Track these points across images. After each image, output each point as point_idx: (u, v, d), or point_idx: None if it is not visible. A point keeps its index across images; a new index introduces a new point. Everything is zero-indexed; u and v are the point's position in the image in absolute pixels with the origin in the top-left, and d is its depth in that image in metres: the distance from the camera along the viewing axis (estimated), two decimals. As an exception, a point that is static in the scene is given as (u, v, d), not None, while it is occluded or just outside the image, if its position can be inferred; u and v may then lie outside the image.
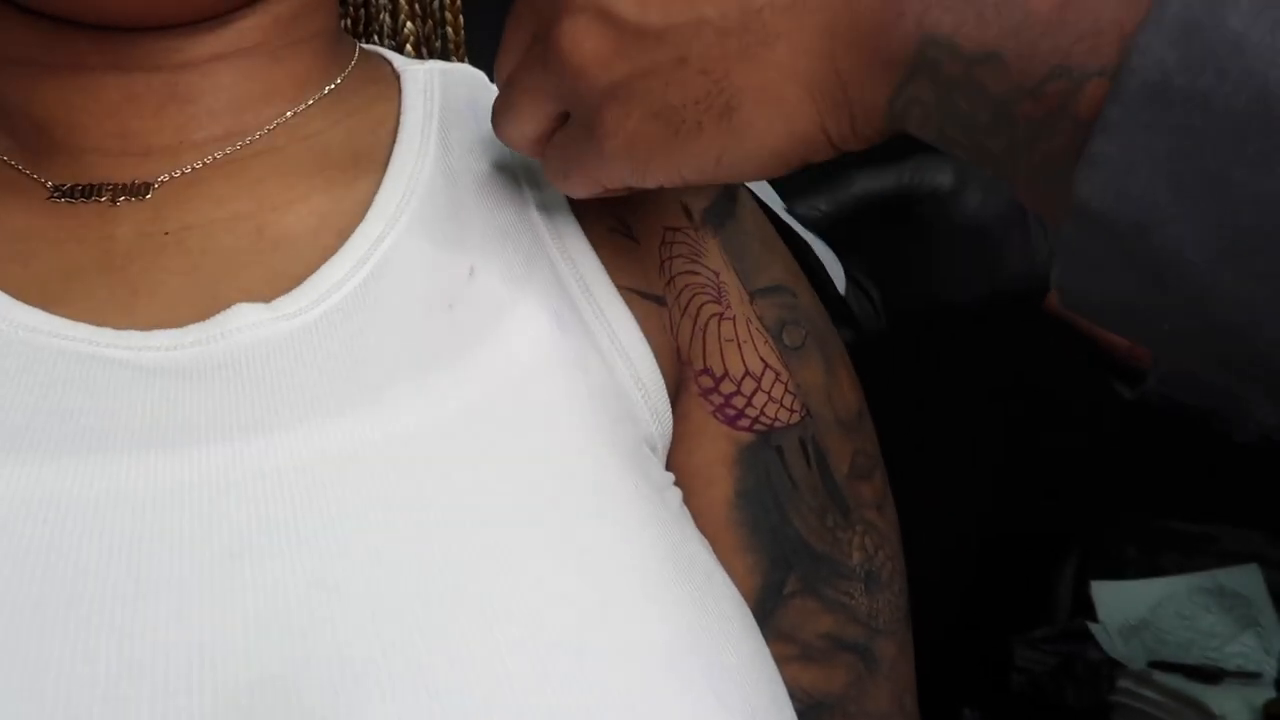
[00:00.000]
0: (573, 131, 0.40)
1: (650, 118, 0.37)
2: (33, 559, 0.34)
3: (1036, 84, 0.30)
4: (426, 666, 0.32)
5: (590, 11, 0.37)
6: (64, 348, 0.38)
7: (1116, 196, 0.27)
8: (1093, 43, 0.28)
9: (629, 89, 0.37)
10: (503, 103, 0.42)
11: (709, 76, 0.35)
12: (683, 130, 0.37)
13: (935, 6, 0.31)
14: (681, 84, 0.36)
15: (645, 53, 0.36)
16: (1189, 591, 1.60)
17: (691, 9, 0.35)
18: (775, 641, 0.42)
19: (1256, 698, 1.40)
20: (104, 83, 0.44)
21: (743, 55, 0.35)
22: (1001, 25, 0.30)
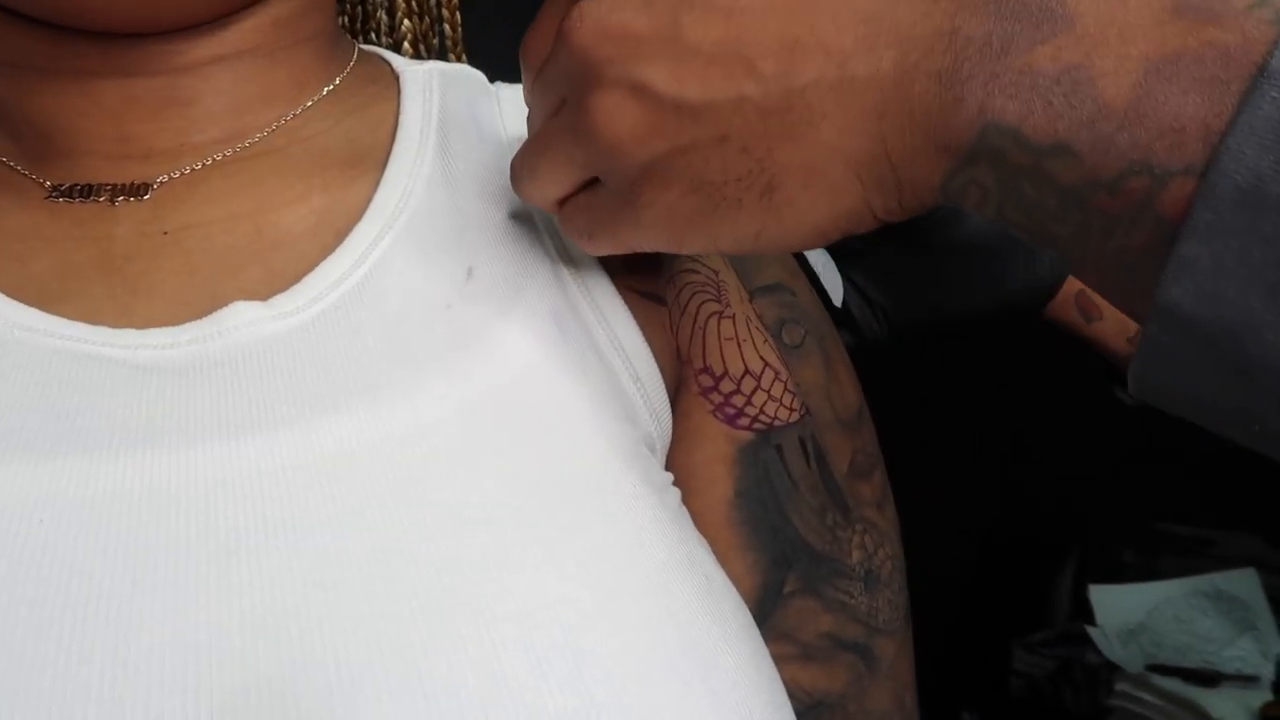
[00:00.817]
0: (604, 198, 0.39)
1: (689, 192, 0.36)
2: (28, 559, 0.33)
3: (1113, 179, 0.28)
4: (423, 668, 0.32)
5: (625, 86, 0.35)
6: (60, 347, 0.38)
7: (1208, 301, 0.27)
8: (1175, 139, 0.27)
9: (667, 164, 0.36)
10: (526, 165, 0.41)
11: (750, 155, 0.34)
12: (723, 205, 0.36)
13: (999, 94, 0.30)
14: (722, 161, 0.35)
15: (684, 130, 0.35)
16: (1187, 595, 1.60)
17: (732, 86, 0.34)
18: (775, 641, 0.42)
19: (1254, 701, 1.40)
20: (103, 87, 0.44)
21: (786, 134, 0.34)
22: (1073, 117, 0.29)
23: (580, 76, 0.36)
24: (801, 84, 0.33)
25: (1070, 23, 0.29)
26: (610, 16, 0.35)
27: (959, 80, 0.30)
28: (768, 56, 0.33)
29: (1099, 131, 0.28)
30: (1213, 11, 0.28)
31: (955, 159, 0.32)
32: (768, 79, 0.33)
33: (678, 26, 0.34)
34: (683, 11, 0.34)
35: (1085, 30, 0.29)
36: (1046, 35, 0.29)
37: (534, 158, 0.40)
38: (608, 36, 0.35)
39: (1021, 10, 0.30)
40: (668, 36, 0.34)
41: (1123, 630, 1.57)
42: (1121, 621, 1.58)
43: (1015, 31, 0.30)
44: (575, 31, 0.36)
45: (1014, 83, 0.30)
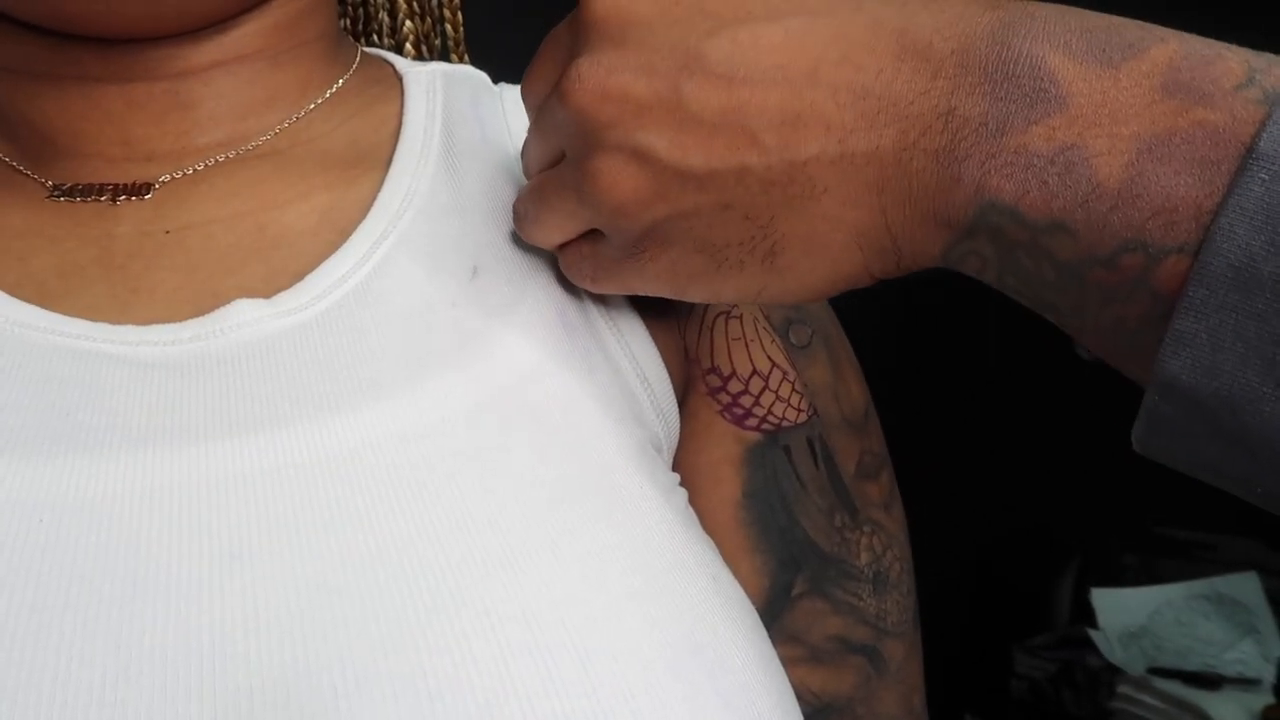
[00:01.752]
0: (607, 249, 0.39)
1: (692, 253, 0.37)
2: (29, 560, 0.33)
3: (1109, 256, 0.29)
4: (429, 669, 0.32)
5: (627, 151, 0.36)
6: (60, 344, 0.38)
7: (1206, 375, 0.28)
8: (1168, 219, 0.28)
9: (670, 227, 0.36)
10: (529, 210, 0.41)
11: (753, 222, 0.35)
12: (725, 266, 0.36)
13: (995, 173, 0.30)
14: (724, 226, 0.35)
15: (686, 196, 0.35)
16: (1188, 599, 1.60)
17: (735, 156, 0.34)
18: (783, 643, 0.42)
19: (1254, 703, 1.40)
20: (105, 92, 0.44)
21: (787, 204, 0.34)
22: (1067, 197, 0.29)
23: (580, 137, 0.37)
24: (803, 158, 0.33)
25: (1063, 103, 0.30)
26: (610, 79, 0.35)
27: (956, 159, 0.31)
28: (769, 129, 0.34)
29: (1093, 210, 0.29)
30: (1202, 92, 0.28)
31: (954, 233, 0.32)
32: (770, 151, 0.34)
33: (679, 93, 0.34)
34: (684, 79, 0.34)
35: (1078, 110, 0.30)
36: (1040, 115, 0.30)
37: (536, 205, 0.41)
38: (608, 99, 0.35)
39: (1016, 90, 0.30)
40: (670, 103, 0.35)
41: (1124, 633, 1.57)
42: (1123, 624, 1.58)
43: (1010, 112, 0.30)
44: (574, 92, 0.36)
45: (1010, 162, 0.30)
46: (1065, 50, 0.30)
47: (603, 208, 0.37)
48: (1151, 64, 0.29)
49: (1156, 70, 0.29)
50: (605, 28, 0.36)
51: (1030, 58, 0.30)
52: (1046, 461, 1.71)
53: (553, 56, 0.39)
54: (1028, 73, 0.30)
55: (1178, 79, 0.29)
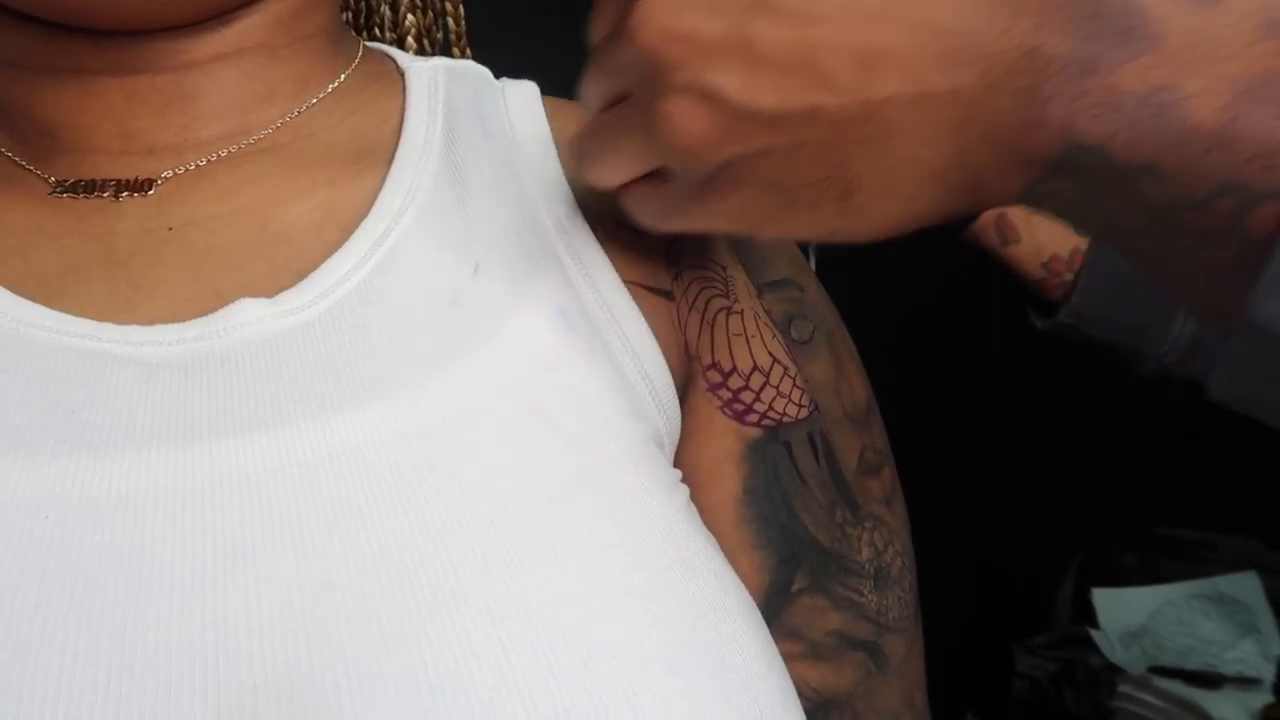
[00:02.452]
0: (675, 188, 0.38)
1: (764, 192, 0.36)
2: (33, 558, 0.33)
3: (1202, 199, 0.28)
4: (431, 666, 0.32)
5: (695, 92, 0.35)
6: (64, 343, 0.38)
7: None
8: (1265, 163, 0.27)
9: (741, 166, 0.35)
10: (590, 150, 0.40)
11: (827, 161, 0.34)
12: (798, 205, 0.36)
13: (1083, 114, 0.30)
14: (797, 166, 0.35)
15: (757, 136, 0.34)
16: (1188, 598, 1.60)
17: (807, 96, 0.33)
18: (783, 639, 0.42)
19: (1255, 703, 1.40)
20: (106, 85, 0.44)
21: (863, 144, 0.33)
22: (1160, 139, 0.29)
23: (647, 77, 0.36)
24: (879, 97, 0.33)
25: (1156, 42, 0.29)
26: (676, 18, 0.35)
27: (1041, 99, 0.30)
28: (844, 68, 0.33)
29: (1187, 153, 0.28)
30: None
31: (1037, 172, 0.31)
32: (844, 90, 0.33)
33: (749, 33, 0.34)
34: (753, 17, 0.34)
35: (1172, 50, 0.29)
36: (1132, 55, 0.29)
37: (599, 146, 0.40)
38: (674, 39, 0.35)
39: (1105, 28, 0.29)
40: (739, 43, 0.34)
41: (1125, 633, 1.57)
42: (1123, 624, 1.58)
43: (1099, 50, 0.29)
44: (640, 32, 0.35)
45: (1099, 103, 0.29)
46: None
47: (671, 149, 0.36)
48: (1250, 1, 0.28)
49: (1256, 8, 0.28)
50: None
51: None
52: (1047, 461, 1.71)
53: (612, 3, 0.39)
54: (1118, 9, 0.29)
55: (1278, 17, 0.28)
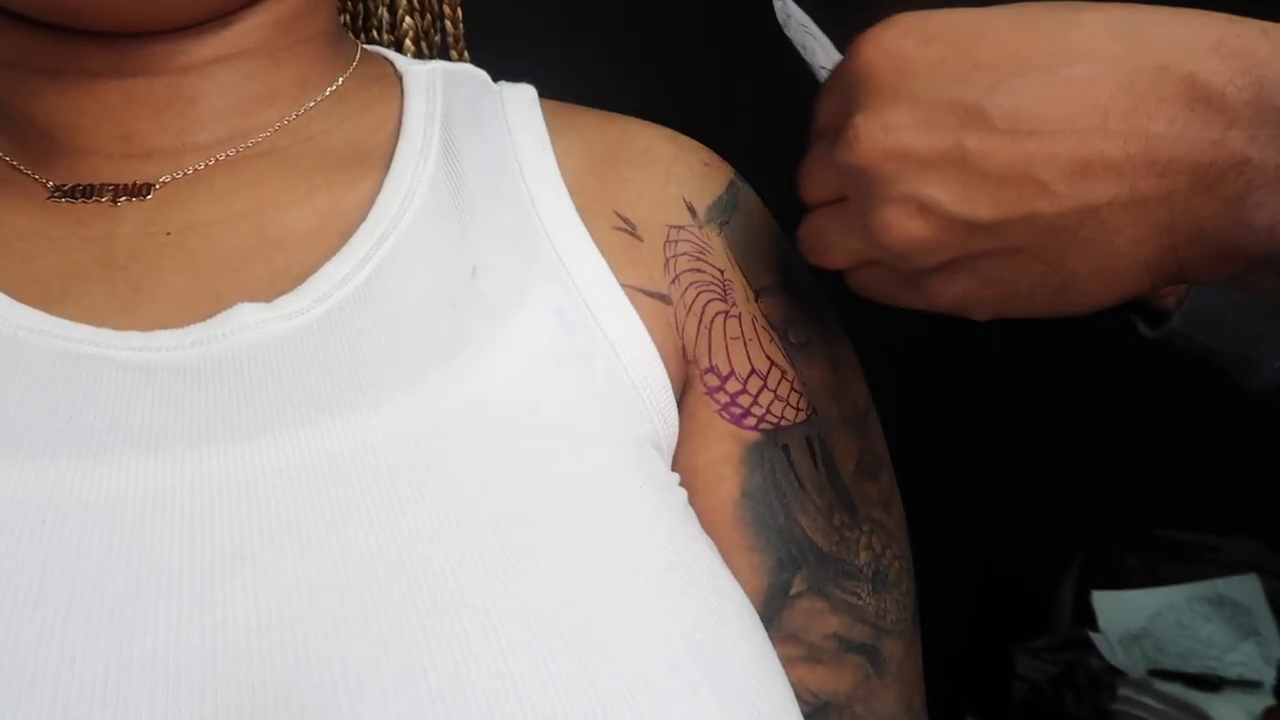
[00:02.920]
0: (893, 278, 0.40)
1: (980, 287, 0.38)
2: (32, 561, 0.33)
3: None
4: (429, 668, 0.32)
5: (912, 204, 0.37)
6: (64, 348, 0.38)
7: None
8: None
9: (956, 266, 0.37)
10: (813, 243, 0.42)
11: (1043, 261, 0.36)
12: (1015, 297, 0.38)
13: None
14: (1014, 267, 0.36)
15: (974, 242, 0.36)
16: (1189, 601, 1.60)
17: (1024, 205, 0.35)
18: (782, 642, 0.42)
19: (1256, 705, 1.40)
20: (106, 87, 0.44)
21: (1078, 245, 0.35)
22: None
23: (864, 187, 0.38)
24: (1096, 203, 0.34)
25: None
26: (890, 138, 0.36)
27: (1249, 207, 0.32)
28: (1060, 179, 0.34)
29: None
30: None
31: (1242, 267, 0.33)
32: (1061, 199, 0.34)
33: (963, 149, 0.35)
34: (967, 134, 0.35)
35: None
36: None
37: (821, 238, 0.41)
38: (890, 156, 0.36)
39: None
40: (954, 158, 0.35)
41: (1125, 635, 1.57)
42: (1124, 626, 1.58)
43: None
44: (857, 146, 0.37)
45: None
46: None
47: (889, 253, 0.38)
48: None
49: None
50: (880, 82, 0.37)
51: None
52: (1048, 463, 1.71)
53: (835, 96, 0.40)
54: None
55: None
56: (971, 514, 1.71)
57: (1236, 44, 0.33)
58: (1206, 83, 0.33)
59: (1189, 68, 0.33)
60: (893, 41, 0.37)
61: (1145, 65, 0.34)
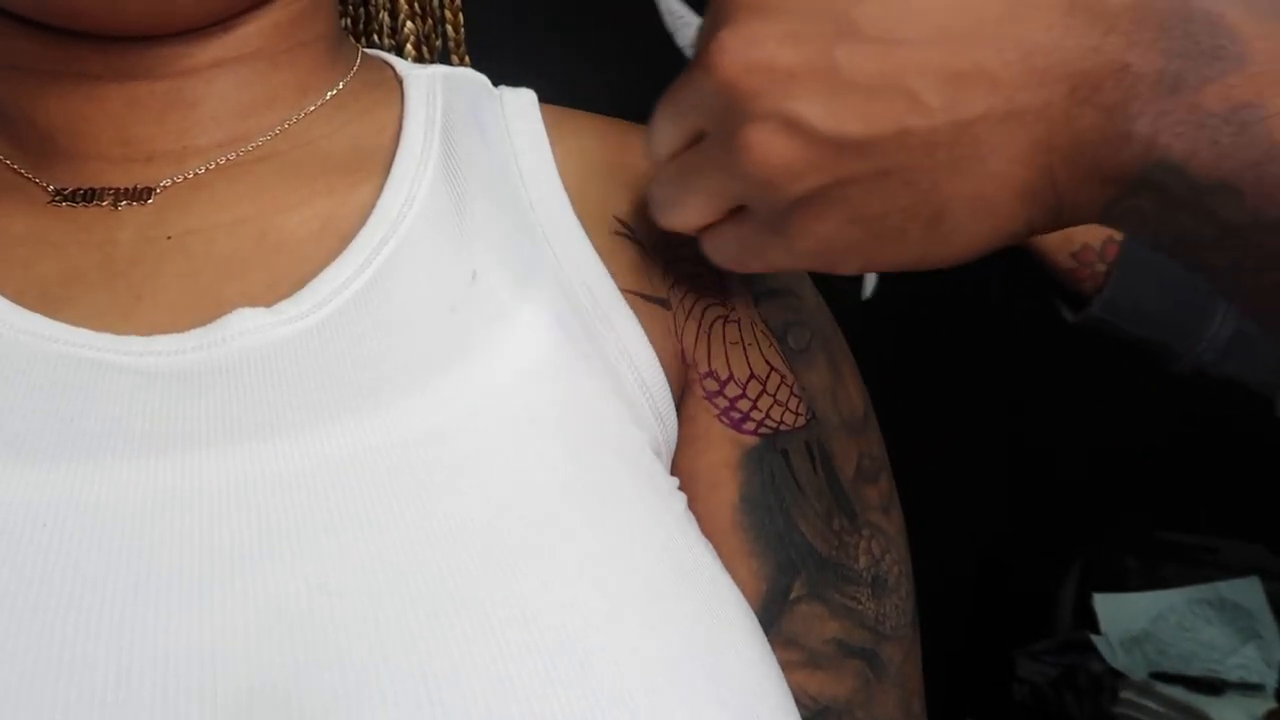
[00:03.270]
0: (754, 227, 0.38)
1: (847, 224, 0.35)
2: (32, 564, 0.33)
3: (1277, 219, 0.29)
4: (428, 672, 0.32)
5: (778, 121, 0.34)
6: (64, 353, 0.38)
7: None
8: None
9: (824, 197, 0.35)
10: (667, 194, 0.40)
11: (915, 188, 0.34)
12: (885, 235, 0.35)
13: (1165, 131, 0.30)
14: (884, 194, 0.34)
15: (843, 164, 0.34)
16: (1190, 603, 1.60)
17: (895, 120, 0.33)
18: (781, 647, 0.42)
19: (1257, 709, 1.40)
20: (106, 90, 0.44)
21: (952, 167, 0.33)
22: (1240, 158, 0.29)
23: (727, 109, 0.35)
24: (969, 117, 0.32)
25: (1241, 61, 0.29)
26: (755, 49, 0.34)
27: (1128, 116, 0.30)
28: (932, 90, 0.33)
29: (1266, 172, 0.28)
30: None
31: (1119, 189, 0.32)
32: (934, 112, 0.33)
33: (832, 59, 0.33)
34: (835, 44, 0.33)
35: (1257, 68, 0.29)
36: (1217, 73, 0.29)
37: (676, 188, 0.39)
38: (754, 69, 0.34)
39: (1192, 47, 0.30)
40: (822, 70, 0.33)
41: (1126, 638, 1.57)
42: (1125, 629, 1.58)
43: (1185, 69, 0.30)
44: (718, 64, 0.35)
45: (1183, 120, 0.30)
46: (1245, 5, 0.29)
47: (753, 180, 0.35)
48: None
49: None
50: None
51: (1208, 13, 0.29)
52: (1048, 465, 1.71)
53: (697, 40, 0.38)
54: (1205, 29, 0.29)
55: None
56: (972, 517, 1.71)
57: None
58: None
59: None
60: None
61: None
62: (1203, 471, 1.57)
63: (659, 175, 0.40)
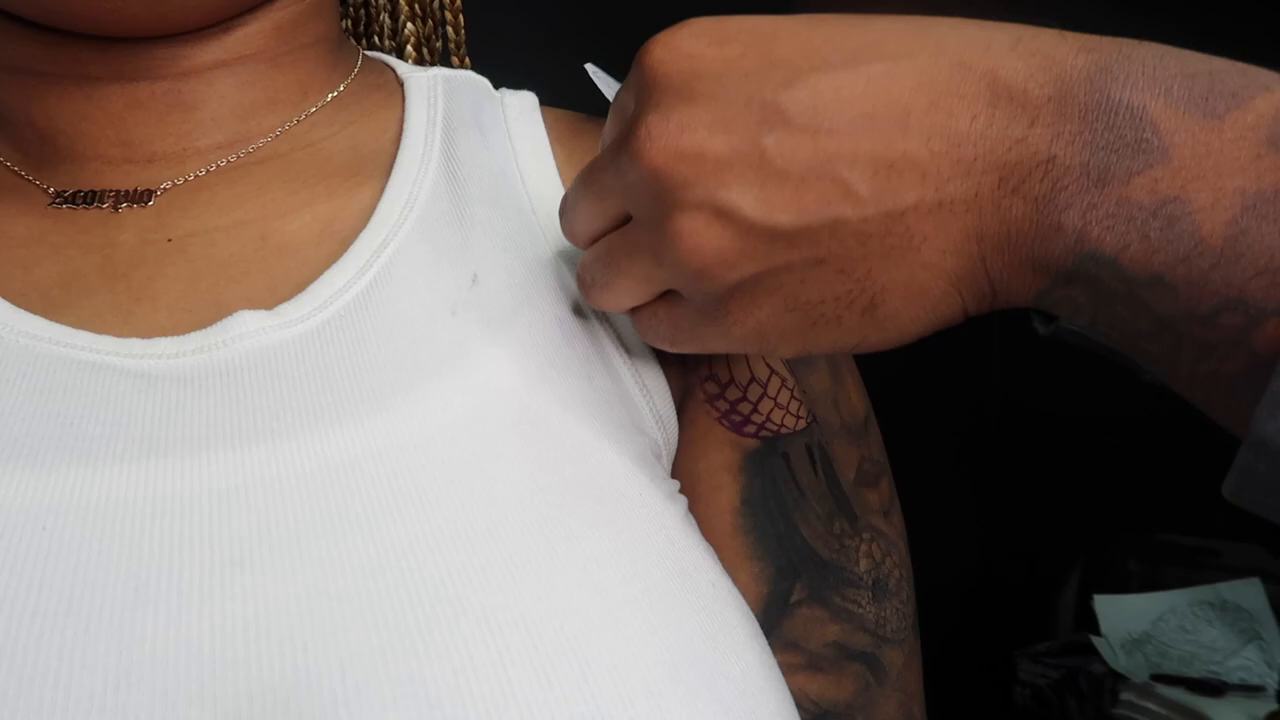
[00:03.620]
0: (687, 311, 0.37)
1: (783, 311, 0.35)
2: (31, 567, 0.33)
3: (1208, 313, 0.29)
4: (428, 676, 0.32)
5: (709, 209, 0.34)
6: (64, 355, 0.38)
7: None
8: (1271, 280, 0.27)
9: (758, 285, 0.35)
10: (597, 279, 0.40)
11: (849, 276, 0.34)
12: (820, 322, 0.35)
13: (1096, 225, 0.30)
14: (818, 282, 0.34)
15: (776, 254, 0.34)
16: (1191, 605, 1.60)
17: (827, 209, 0.33)
18: (782, 650, 0.42)
19: (1258, 710, 1.39)
20: (107, 92, 0.44)
21: (885, 255, 0.33)
22: (1169, 251, 0.29)
23: (655, 197, 0.35)
24: (900, 207, 0.32)
25: (1166, 154, 0.29)
26: (684, 136, 0.34)
27: (1057, 208, 0.30)
28: (863, 180, 0.32)
29: (1195, 267, 0.28)
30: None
31: (1051, 279, 0.32)
32: (865, 202, 0.33)
33: (761, 148, 0.33)
34: (765, 132, 0.33)
35: (1181, 162, 0.29)
36: (1142, 166, 0.29)
37: (606, 270, 0.39)
38: (683, 157, 0.34)
39: (1117, 140, 0.30)
40: (752, 159, 0.33)
41: (1127, 640, 1.57)
42: (1126, 631, 1.58)
43: (1111, 161, 0.30)
44: (646, 151, 0.34)
45: (1111, 214, 0.30)
46: (1166, 98, 0.29)
47: (684, 269, 0.35)
48: (1256, 115, 0.28)
49: (1261, 122, 0.28)
50: (671, 81, 0.34)
51: (1130, 106, 0.29)
52: (1049, 467, 1.71)
53: (616, 117, 0.38)
54: (1128, 122, 0.29)
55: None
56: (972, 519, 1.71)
57: (1034, 44, 0.32)
58: (1008, 79, 0.31)
59: (989, 65, 0.32)
60: (685, 41, 0.35)
61: (944, 63, 0.32)
62: (1204, 474, 1.57)
63: (587, 256, 0.40)
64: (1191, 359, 0.30)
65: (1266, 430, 0.27)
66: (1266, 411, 0.27)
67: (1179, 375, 0.31)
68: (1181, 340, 0.30)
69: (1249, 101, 0.29)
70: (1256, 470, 0.28)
